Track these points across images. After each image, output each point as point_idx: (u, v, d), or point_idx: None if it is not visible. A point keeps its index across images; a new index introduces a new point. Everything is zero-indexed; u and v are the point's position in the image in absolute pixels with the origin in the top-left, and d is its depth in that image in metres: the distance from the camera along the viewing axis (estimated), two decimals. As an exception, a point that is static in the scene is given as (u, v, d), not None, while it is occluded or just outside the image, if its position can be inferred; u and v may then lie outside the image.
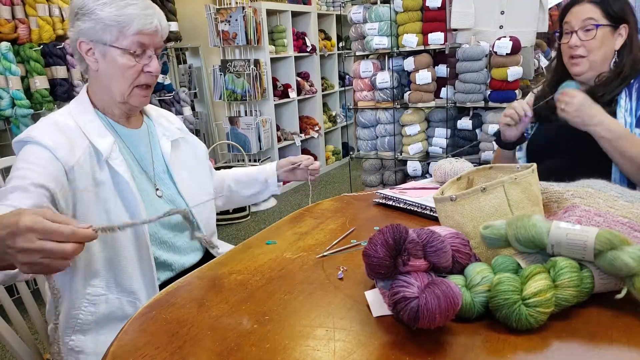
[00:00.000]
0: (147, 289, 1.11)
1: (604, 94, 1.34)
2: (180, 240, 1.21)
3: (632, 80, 1.34)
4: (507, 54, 2.73)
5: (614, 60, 1.38)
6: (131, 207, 1.08)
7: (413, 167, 3.27)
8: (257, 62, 3.97)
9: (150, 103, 1.27)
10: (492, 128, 2.87)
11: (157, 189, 1.19)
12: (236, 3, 3.90)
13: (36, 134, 1.02)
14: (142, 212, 1.09)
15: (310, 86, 4.96)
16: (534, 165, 0.91)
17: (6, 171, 1.46)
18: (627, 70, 1.34)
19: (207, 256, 1.27)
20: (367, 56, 3.35)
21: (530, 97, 1.41)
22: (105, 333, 1.08)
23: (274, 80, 4.50)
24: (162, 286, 1.15)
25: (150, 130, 1.24)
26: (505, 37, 2.76)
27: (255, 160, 4.15)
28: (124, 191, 1.08)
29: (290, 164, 1.41)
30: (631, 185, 1.28)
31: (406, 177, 3.33)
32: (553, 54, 2.98)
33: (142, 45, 1.07)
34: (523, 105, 1.37)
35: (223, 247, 1.32)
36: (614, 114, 1.32)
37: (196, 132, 4.23)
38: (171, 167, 1.23)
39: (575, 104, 1.25)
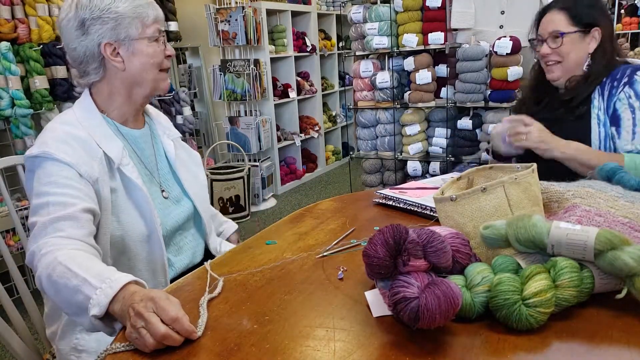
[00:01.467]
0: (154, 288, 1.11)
1: (574, 97, 1.39)
2: (183, 240, 1.21)
3: (604, 79, 1.37)
4: (507, 53, 2.73)
5: (587, 63, 1.40)
6: (145, 212, 1.08)
7: (413, 167, 3.27)
8: (257, 62, 3.97)
9: (150, 103, 1.27)
10: (492, 128, 2.87)
11: (162, 190, 1.18)
12: (236, 3, 3.90)
13: (53, 151, 0.99)
14: (157, 217, 1.08)
15: (310, 86, 4.96)
16: (534, 165, 0.91)
17: (6, 171, 1.45)
18: (595, 73, 1.37)
19: (207, 256, 1.27)
20: (367, 56, 3.34)
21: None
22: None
23: (274, 80, 4.50)
24: None
25: (152, 129, 1.24)
26: (505, 37, 2.75)
27: (255, 160, 4.15)
28: (137, 197, 1.07)
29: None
30: None
31: (406, 177, 3.33)
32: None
33: (159, 32, 1.12)
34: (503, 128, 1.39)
35: (224, 247, 1.32)
36: (588, 113, 1.37)
37: (196, 132, 4.23)
38: (175, 167, 1.23)
39: (535, 128, 1.31)
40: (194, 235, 1.25)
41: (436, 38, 2.98)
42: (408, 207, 1.27)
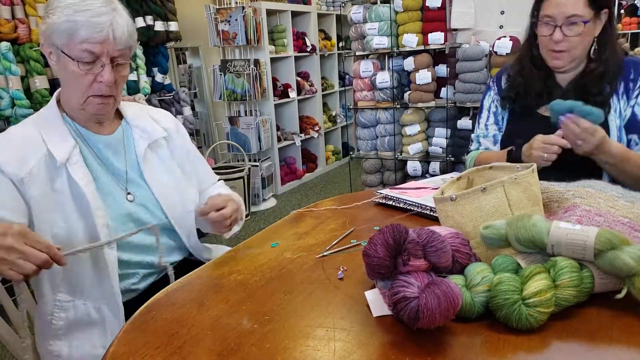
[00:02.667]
0: (104, 295, 1.08)
1: (591, 95, 1.27)
2: (148, 239, 1.16)
3: (619, 80, 1.28)
4: (507, 53, 2.73)
5: (593, 47, 1.29)
6: (86, 212, 1.06)
7: (413, 167, 3.27)
8: (257, 62, 3.97)
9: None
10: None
11: (128, 193, 1.15)
12: (236, 3, 3.90)
13: None
14: (100, 217, 1.06)
15: (310, 86, 4.96)
16: (534, 165, 0.91)
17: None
18: (608, 66, 1.27)
19: (190, 258, 1.25)
20: (367, 56, 3.35)
21: (559, 132, 1.22)
22: (78, 338, 1.08)
23: (274, 80, 4.50)
24: (157, 287, 1.13)
25: (125, 133, 1.20)
26: (505, 37, 2.75)
27: (255, 160, 4.15)
28: (80, 197, 1.06)
29: (200, 214, 1.19)
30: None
31: (406, 177, 3.33)
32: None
33: (91, 55, 1.01)
34: (559, 141, 1.19)
35: (216, 251, 1.29)
36: (605, 117, 1.26)
37: (196, 132, 4.23)
38: (145, 171, 1.18)
39: (593, 143, 1.15)
40: (169, 236, 1.21)
41: (436, 38, 2.98)
42: (408, 207, 1.27)
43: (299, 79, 4.83)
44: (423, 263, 0.74)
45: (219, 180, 1.43)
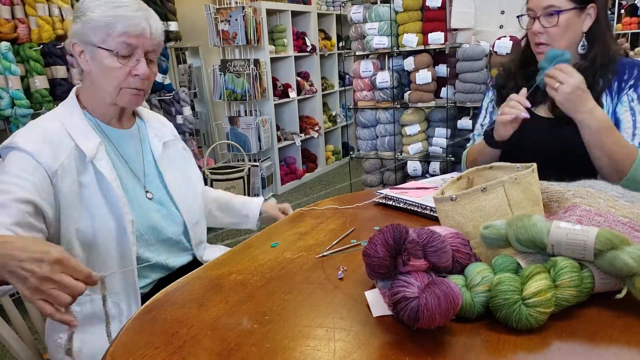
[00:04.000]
0: (127, 291, 1.10)
1: (588, 86, 1.24)
2: (169, 244, 1.20)
3: (613, 80, 1.27)
4: (507, 53, 2.73)
5: (581, 43, 1.28)
6: (115, 208, 1.08)
7: (413, 167, 3.27)
8: (257, 62, 3.97)
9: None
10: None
11: (147, 191, 1.18)
12: (236, 3, 3.90)
13: (19, 140, 1.02)
14: (127, 214, 1.08)
15: (310, 86, 4.96)
16: (534, 165, 0.91)
17: (6, 171, 1.47)
18: (600, 58, 1.26)
19: (197, 259, 1.26)
20: (367, 56, 3.35)
21: (523, 91, 1.26)
22: (90, 332, 1.08)
23: (274, 80, 4.50)
24: (158, 287, 1.14)
25: (141, 131, 1.23)
26: (505, 36, 2.76)
27: (255, 160, 4.15)
28: (108, 192, 1.07)
29: (273, 218, 1.40)
30: None
31: (406, 177, 3.33)
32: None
33: (129, 47, 1.06)
34: (522, 100, 1.25)
35: (215, 252, 1.30)
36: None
37: (196, 132, 4.23)
38: (162, 169, 1.22)
39: (571, 84, 1.15)
40: (180, 238, 1.23)
41: (436, 38, 2.98)
42: (408, 207, 1.27)
43: (299, 78, 4.83)
44: (423, 263, 0.74)
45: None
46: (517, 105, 1.24)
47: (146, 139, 1.23)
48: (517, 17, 1.38)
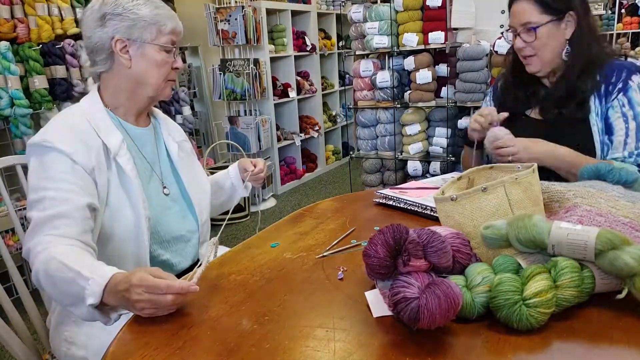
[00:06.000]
0: None
1: (569, 96, 1.29)
2: (183, 240, 1.21)
3: (598, 79, 1.28)
4: (507, 53, 2.72)
5: (565, 50, 1.31)
6: (134, 202, 1.09)
7: (413, 166, 3.26)
8: (256, 62, 3.96)
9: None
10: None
11: (164, 187, 1.21)
12: (236, 2, 3.90)
13: (53, 139, 1.02)
14: (145, 209, 1.09)
15: (310, 85, 4.96)
16: (535, 165, 0.90)
17: (5, 171, 1.45)
18: (581, 63, 1.28)
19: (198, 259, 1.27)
20: (367, 55, 3.34)
21: (504, 114, 1.32)
22: (97, 327, 1.07)
23: (274, 79, 4.49)
24: None
25: (156, 130, 1.27)
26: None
27: (255, 160, 4.14)
28: (129, 189, 1.10)
29: (243, 171, 1.39)
30: None
31: (406, 177, 3.33)
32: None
33: (173, 43, 1.15)
34: (492, 114, 1.31)
35: (220, 252, 1.31)
36: (586, 118, 1.29)
37: (196, 132, 4.23)
38: (178, 166, 1.25)
39: (518, 146, 1.23)
40: (192, 236, 1.25)
41: (436, 37, 2.98)
42: (408, 207, 1.27)
43: (298, 78, 4.82)
44: (423, 263, 0.74)
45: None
46: (480, 120, 1.33)
47: (161, 138, 1.27)
48: (501, 33, 1.44)
